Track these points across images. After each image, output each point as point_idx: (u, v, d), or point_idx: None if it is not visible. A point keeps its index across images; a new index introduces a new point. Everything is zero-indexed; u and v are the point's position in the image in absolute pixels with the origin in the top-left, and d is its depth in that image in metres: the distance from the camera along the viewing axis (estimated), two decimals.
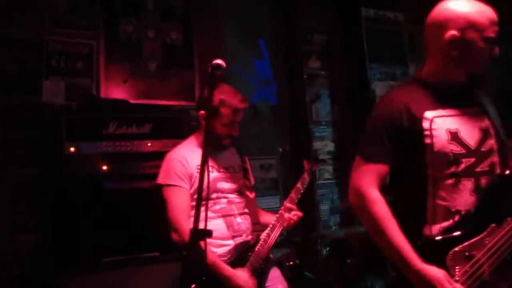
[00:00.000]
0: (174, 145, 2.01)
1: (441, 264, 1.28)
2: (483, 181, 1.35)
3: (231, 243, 1.84)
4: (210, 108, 1.81)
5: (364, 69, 3.29)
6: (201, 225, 1.73)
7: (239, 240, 1.86)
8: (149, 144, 2.40)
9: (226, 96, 1.86)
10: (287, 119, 3.37)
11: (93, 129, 2.29)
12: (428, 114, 1.36)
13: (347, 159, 3.33)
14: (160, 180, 1.85)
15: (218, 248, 1.81)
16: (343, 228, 3.25)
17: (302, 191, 2.02)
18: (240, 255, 1.84)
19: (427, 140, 1.34)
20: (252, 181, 2.08)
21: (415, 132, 1.35)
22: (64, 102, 2.58)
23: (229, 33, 3.20)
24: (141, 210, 2.29)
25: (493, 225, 1.30)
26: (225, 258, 1.80)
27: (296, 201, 1.98)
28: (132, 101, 2.67)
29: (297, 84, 3.37)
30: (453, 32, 1.34)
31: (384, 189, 1.40)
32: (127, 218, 2.29)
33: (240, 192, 1.96)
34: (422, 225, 1.36)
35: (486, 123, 1.40)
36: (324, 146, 3.39)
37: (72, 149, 2.22)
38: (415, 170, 1.37)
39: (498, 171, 1.37)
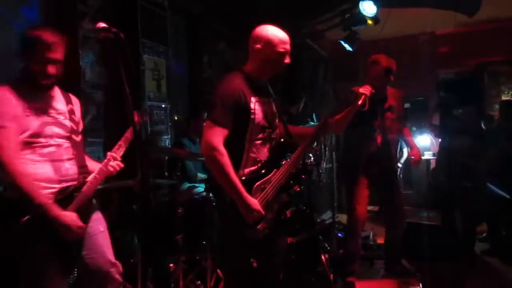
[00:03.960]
0: None
1: (250, 193, 2.05)
2: (273, 143, 2.21)
3: (57, 186, 1.92)
4: (25, 45, 1.90)
5: (137, 41, 3.66)
6: (29, 169, 1.87)
7: (65, 184, 1.95)
8: None
9: (39, 32, 1.92)
10: None
11: None
12: (253, 99, 2.11)
13: (114, 120, 3.62)
14: None
15: (43, 190, 1.88)
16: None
17: (130, 141, 2.11)
18: (66, 196, 1.92)
19: (252, 116, 2.09)
20: (80, 124, 2.12)
21: (246, 109, 2.07)
22: None
23: None
24: None
25: (275, 169, 2.16)
26: (50, 200, 1.87)
27: (124, 150, 2.10)
28: None
29: (70, 42, 3.34)
30: (258, 46, 2.13)
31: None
32: None
33: (69, 137, 2.01)
34: (238, 169, 2.08)
35: (274, 107, 2.26)
36: (93, 108, 3.54)
37: None
38: (240, 133, 2.08)
39: (280, 139, 2.26)
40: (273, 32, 2.15)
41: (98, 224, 2.11)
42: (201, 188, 3.55)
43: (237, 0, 4.65)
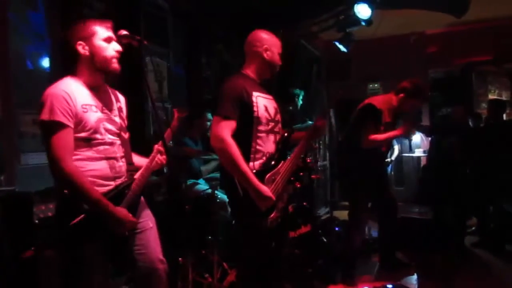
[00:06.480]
0: None
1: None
2: (277, 137, 2.35)
3: (112, 183, 1.95)
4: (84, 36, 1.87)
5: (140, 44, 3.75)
6: (85, 166, 1.90)
7: (118, 181, 1.97)
8: None
9: (100, 23, 1.94)
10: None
11: None
12: (254, 93, 2.26)
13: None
14: (44, 116, 1.79)
15: (99, 187, 1.89)
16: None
17: (172, 136, 2.17)
18: (117, 193, 1.94)
19: (254, 109, 2.23)
20: (126, 121, 2.09)
21: (248, 103, 2.22)
22: None
23: None
24: None
25: (282, 161, 2.31)
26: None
27: (167, 145, 2.07)
28: None
29: None
30: (261, 49, 2.30)
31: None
32: None
33: (119, 134, 2.00)
34: (247, 161, 2.21)
35: (275, 104, 2.40)
36: None
37: None
38: (246, 126, 2.22)
39: (284, 133, 2.38)
40: (272, 36, 2.37)
41: (148, 220, 2.12)
42: (202, 185, 3.68)
43: (234, 3, 4.77)
